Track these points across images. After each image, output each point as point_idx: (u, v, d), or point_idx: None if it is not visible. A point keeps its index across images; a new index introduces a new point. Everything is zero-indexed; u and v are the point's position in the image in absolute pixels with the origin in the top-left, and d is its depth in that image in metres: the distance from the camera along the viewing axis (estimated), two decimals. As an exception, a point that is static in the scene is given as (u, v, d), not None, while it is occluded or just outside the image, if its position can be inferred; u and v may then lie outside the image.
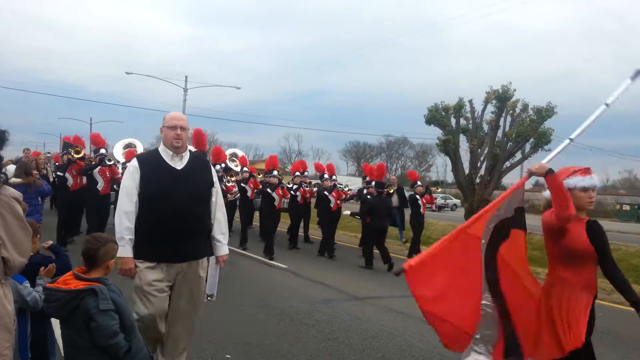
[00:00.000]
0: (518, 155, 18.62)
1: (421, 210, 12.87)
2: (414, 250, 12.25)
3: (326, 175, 13.76)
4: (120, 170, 12.09)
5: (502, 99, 17.97)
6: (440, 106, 19.02)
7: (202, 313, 4.23)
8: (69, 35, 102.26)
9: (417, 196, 12.87)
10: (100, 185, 10.88)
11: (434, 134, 25.09)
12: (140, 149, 14.32)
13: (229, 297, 6.97)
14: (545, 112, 17.66)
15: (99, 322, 2.80)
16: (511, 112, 18.30)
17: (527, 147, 18.31)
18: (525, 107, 18.20)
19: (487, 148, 18.44)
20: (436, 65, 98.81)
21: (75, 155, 10.99)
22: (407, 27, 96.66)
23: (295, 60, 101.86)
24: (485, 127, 18.91)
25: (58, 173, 11.01)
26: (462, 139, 19.05)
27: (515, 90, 18.01)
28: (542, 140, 17.79)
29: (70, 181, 10.90)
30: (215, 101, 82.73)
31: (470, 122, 18.97)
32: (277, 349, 5.29)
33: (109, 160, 11.25)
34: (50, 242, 3.87)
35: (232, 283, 7.88)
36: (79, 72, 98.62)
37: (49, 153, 22.96)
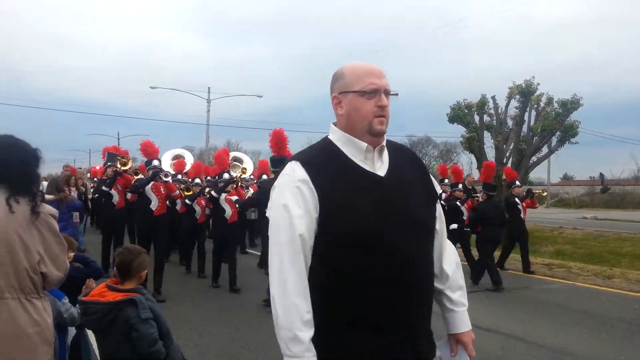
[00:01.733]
0: (544, 150, 18.34)
1: (522, 215, 10.34)
2: (526, 263, 10.27)
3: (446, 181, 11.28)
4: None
5: (525, 93, 17.72)
6: (462, 104, 18.87)
7: None
8: (89, 54, 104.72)
9: (517, 200, 10.37)
10: (154, 205, 7.98)
11: (458, 132, 24.83)
12: (190, 160, 12.76)
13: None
14: (570, 105, 17.38)
15: (141, 330, 2.88)
16: (535, 106, 18.02)
17: (554, 140, 18.03)
18: (549, 100, 17.92)
19: (512, 144, 18.19)
20: (455, 62, 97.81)
21: (121, 167, 9.30)
22: (423, 25, 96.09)
23: (314, 66, 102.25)
24: (510, 122, 18.67)
25: (103, 188, 9.67)
26: (487, 135, 18.85)
27: (539, 84, 17.78)
28: (569, 133, 17.50)
29: (115, 198, 9.52)
30: (237, 111, 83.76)
31: (494, 118, 18.75)
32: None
33: (166, 175, 8.41)
34: (72, 253, 3.77)
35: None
36: (104, 89, 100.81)
37: (80, 168, 22.59)
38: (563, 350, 5.46)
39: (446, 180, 11.09)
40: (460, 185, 10.37)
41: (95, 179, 15.17)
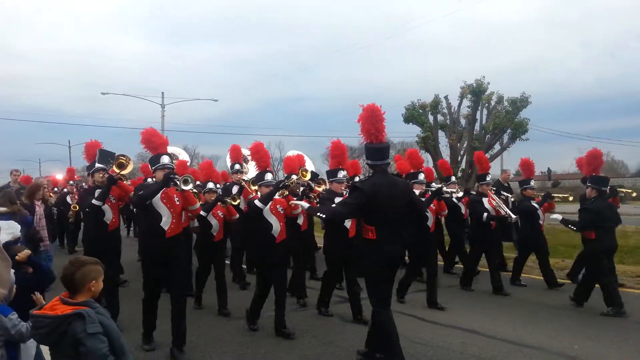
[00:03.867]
0: (497, 147, 18.88)
1: (540, 221, 8.57)
2: (548, 275, 8.52)
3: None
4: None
5: (476, 92, 18.23)
6: (417, 104, 19.21)
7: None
8: (35, 59, 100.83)
9: (535, 205, 8.45)
10: (166, 222, 5.25)
11: (413, 131, 25.18)
12: (185, 158, 10.74)
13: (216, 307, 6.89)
14: (520, 103, 17.98)
15: (88, 346, 2.78)
16: (487, 105, 18.58)
17: (505, 138, 18.60)
18: (500, 99, 18.51)
19: (466, 142, 18.64)
20: (408, 64, 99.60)
21: (119, 172, 6.08)
22: (375, 29, 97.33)
23: (268, 69, 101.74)
24: (463, 121, 19.16)
25: (94, 202, 6.08)
26: (441, 134, 19.27)
27: (489, 83, 18.33)
28: (520, 131, 18.08)
29: (108, 215, 6.26)
30: (192, 115, 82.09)
31: (448, 117, 19.20)
32: (273, 357, 5.30)
33: (186, 181, 5.38)
34: (24, 254, 3.61)
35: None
36: (52, 96, 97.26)
37: (39, 178, 19.23)
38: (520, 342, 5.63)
39: (453, 179, 9.64)
40: (531, 182, 8.83)
41: (55, 189, 13.84)
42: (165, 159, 5.34)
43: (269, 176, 6.01)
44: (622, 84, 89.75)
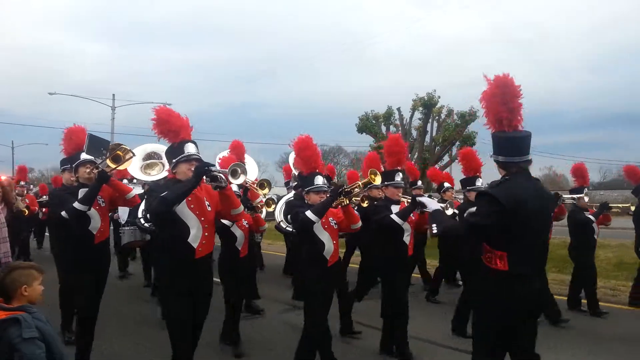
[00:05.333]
0: (446, 159, 19.51)
1: (595, 235, 7.31)
2: (594, 302, 6.94)
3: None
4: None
5: (427, 105, 18.80)
6: (370, 115, 19.62)
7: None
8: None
9: (591, 217, 7.10)
10: (195, 237, 3.61)
11: (366, 141, 25.59)
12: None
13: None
14: (468, 117, 18.66)
15: (24, 351, 2.71)
16: (437, 117, 19.19)
17: (454, 150, 19.22)
18: (449, 112, 19.16)
19: (417, 153, 19.14)
20: (363, 76, 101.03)
21: (113, 167, 4.53)
22: (333, 41, 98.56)
23: (225, 75, 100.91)
24: (414, 133, 19.68)
25: (77, 206, 4.36)
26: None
27: (439, 97, 18.95)
28: (467, 143, 18.73)
29: (95, 223, 4.58)
30: (145, 119, 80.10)
31: (400, 128, 19.67)
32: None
33: (235, 172, 3.63)
34: None
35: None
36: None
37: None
38: None
39: (419, 183, 8.97)
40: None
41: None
42: (190, 148, 3.69)
43: (319, 179, 4.48)
44: (573, 100, 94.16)
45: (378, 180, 4.80)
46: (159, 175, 6.41)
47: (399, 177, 5.14)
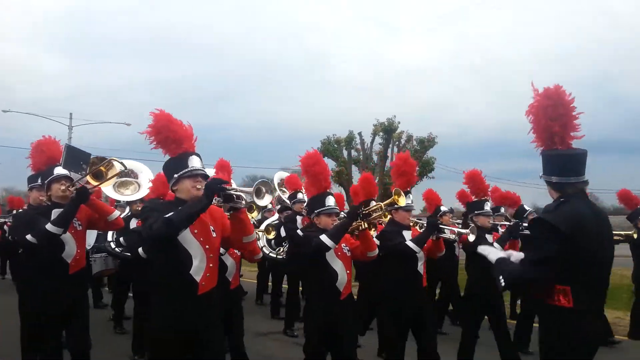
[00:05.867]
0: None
1: None
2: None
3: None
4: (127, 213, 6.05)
5: (388, 130, 19.20)
6: (332, 139, 19.85)
7: None
8: None
9: None
10: (199, 269, 2.99)
11: (328, 165, 25.92)
12: (148, 176, 6.27)
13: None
14: (427, 142, 19.16)
15: None
16: (397, 142, 19.59)
17: (414, 175, 19.62)
18: (409, 138, 19.62)
19: (377, 177, 19.42)
20: (324, 99, 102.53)
21: (95, 184, 4.13)
22: (294, 63, 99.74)
23: (187, 95, 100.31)
24: (375, 157, 20.01)
25: (50, 228, 3.78)
26: (355, 169, 19.98)
27: (399, 122, 19.39)
28: (427, 169, 19.19)
29: (70, 250, 3.98)
30: (104, 138, 78.24)
31: (361, 153, 19.98)
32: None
33: (259, 191, 2.96)
34: None
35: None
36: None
37: None
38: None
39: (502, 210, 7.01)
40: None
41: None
42: (195, 161, 3.12)
43: (331, 200, 4.07)
44: (524, 129, 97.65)
45: (403, 202, 4.40)
46: (134, 195, 5.75)
47: (410, 200, 4.72)
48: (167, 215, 2.78)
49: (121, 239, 5.84)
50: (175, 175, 3.06)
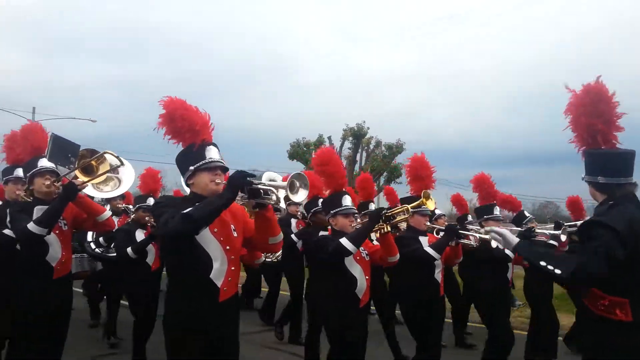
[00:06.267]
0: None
1: None
2: None
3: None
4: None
5: (357, 135, 19.37)
6: (301, 142, 19.88)
7: None
8: None
9: None
10: (219, 273, 2.66)
11: (297, 168, 26.04)
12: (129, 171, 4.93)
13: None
14: (395, 149, 19.41)
15: None
16: (366, 148, 19.78)
17: (382, 180, 19.85)
18: (378, 143, 19.84)
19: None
20: (294, 103, 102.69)
21: (84, 180, 3.61)
22: (265, 66, 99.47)
23: (153, 94, 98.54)
24: (344, 162, 20.13)
25: (32, 228, 3.33)
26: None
27: (369, 128, 19.59)
28: (394, 174, 19.43)
29: (54, 252, 3.57)
30: (68, 135, 75.64)
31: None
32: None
33: (295, 186, 2.68)
34: None
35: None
36: None
37: None
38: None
39: (372, 206, 6.00)
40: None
41: None
42: (213, 152, 2.75)
43: (348, 200, 3.80)
44: (482, 139, 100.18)
45: (432, 205, 4.12)
46: (114, 192, 4.97)
47: (433, 209, 4.53)
48: (185, 211, 2.42)
49: (101, 239, 5.44)
50: (191, 168, 2.69)
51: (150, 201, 5.05)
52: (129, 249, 4.77)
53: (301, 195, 2.67)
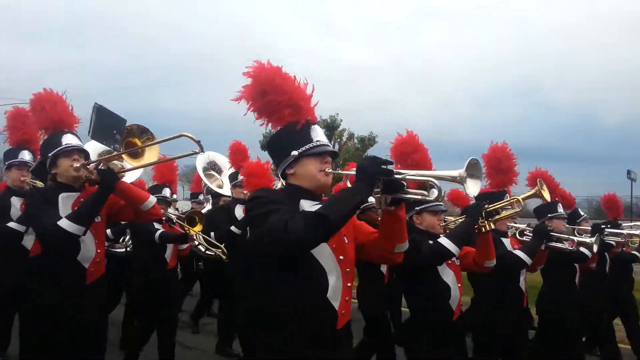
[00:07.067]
0: (346, 181, 20.23)
1: None
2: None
3: None
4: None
5: (330, 127, 19.45)
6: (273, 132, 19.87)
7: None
8: None
9: None
10: (335, 291, 2.02)
11: (269, 161, 26.12)
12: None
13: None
14: (368, 141, 19.56)
15: None
16: (339, 140, 19.88)
17: (353, 172, 20.02)
18: (350, 136, 19.96)
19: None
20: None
21: (130, 163, 3.02)
22: (237, 54, 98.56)
23: (123, 81, 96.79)
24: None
25: (67, 227, 2.64)
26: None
27: (342, 120, 19.70)
28: (366, 167, 19.63)
29: (88, 251, 2.89)
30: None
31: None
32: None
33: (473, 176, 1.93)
34: None
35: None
36: None
37: None
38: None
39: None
40: None
41: None
42: (320, 134, 2.17)
43: (434, 193, 2.44)
44: (454, 130, 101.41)
45: (547, 196, 3.61)
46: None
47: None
48: (316, 210, 1.78)
49: (109, 231, 4.61)
50: (295, 153, 2.05)
51: (166, 192, 4.57)
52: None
53: (473, 187, 1.93)
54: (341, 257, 2.02)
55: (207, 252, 4.86)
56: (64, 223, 2.62)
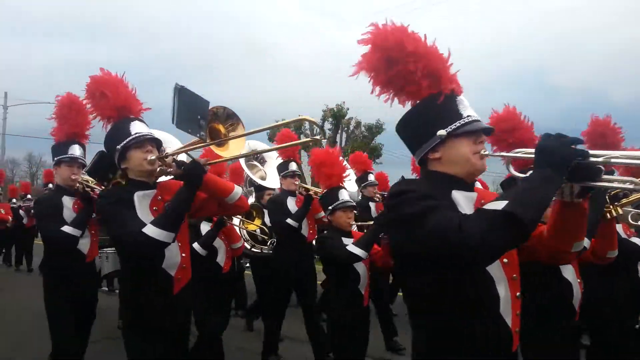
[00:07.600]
0: (354, 169, 20.15)
1: None
2: None
3: None
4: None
5: (337, 116, 19.32)
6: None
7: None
8: None
9: None
10: (505, 310, 1.65)
11: (277, 150, 25.97)
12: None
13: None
14: (375, 129, 19.42)
15: None
16: (346, 129, 19.76)
17: (362, 161, 19.91)
18: (358, 124, 19.82)
19: (326, 163, 19.59)
20: (270, 85, 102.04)
21: (219, 152, 2.54)
22: (237, 48, 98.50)
23: (134, 77, 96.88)
24: (324, 143, 20.09)
25: (157, 236, 2.28)
26: (304, 154, 19.96)
27: (348, 109, 19.53)
28: (374, 154, 19.45)
29: (172, 257, 2.49)
30: (41, 120, 73.99)
31: (310, 138, 19.99)
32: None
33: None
34: None
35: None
36: None
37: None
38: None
39: (371, 177, 6.32)
40: None
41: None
42: (471, 110, 1.73)
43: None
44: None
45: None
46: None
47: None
48: (504, 207, 1.38)
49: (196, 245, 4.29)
50: (442, 132, 1.65)
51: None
52: (195, 244, 3.76)
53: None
54: (505, 261, 1.64)
55: (252, 249, 4.61)
56: (151, 230, 2.25)
